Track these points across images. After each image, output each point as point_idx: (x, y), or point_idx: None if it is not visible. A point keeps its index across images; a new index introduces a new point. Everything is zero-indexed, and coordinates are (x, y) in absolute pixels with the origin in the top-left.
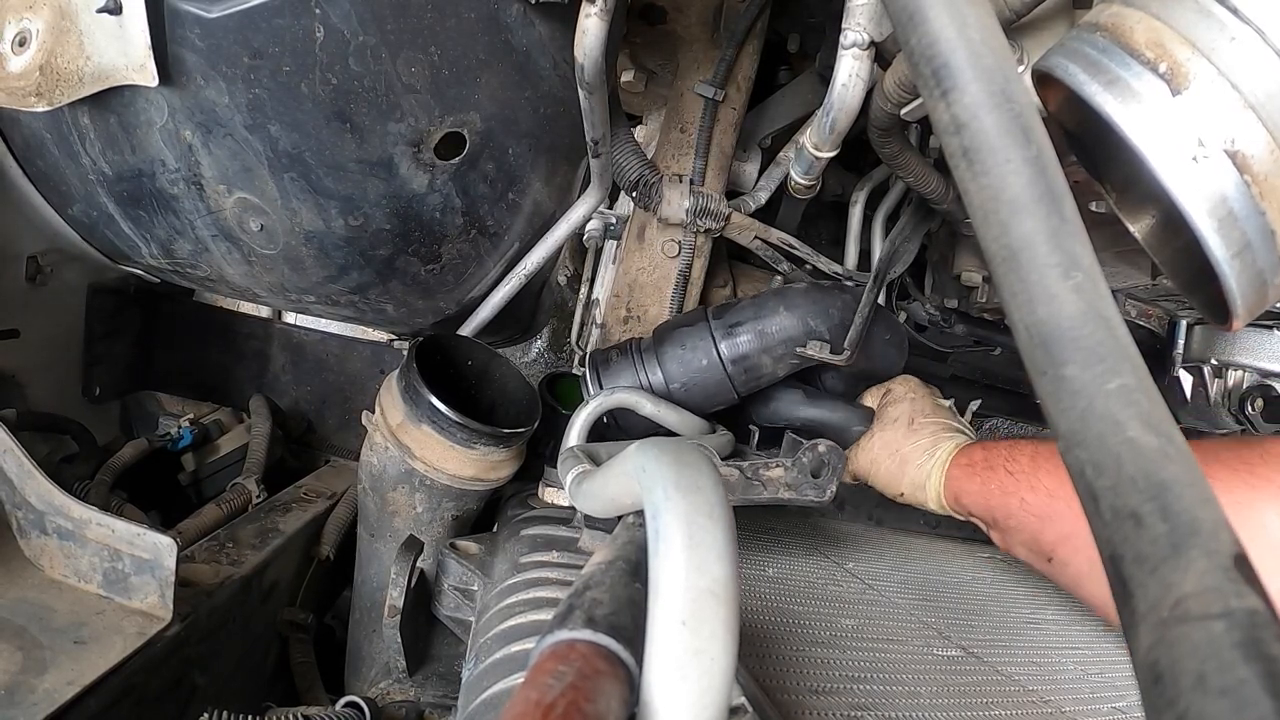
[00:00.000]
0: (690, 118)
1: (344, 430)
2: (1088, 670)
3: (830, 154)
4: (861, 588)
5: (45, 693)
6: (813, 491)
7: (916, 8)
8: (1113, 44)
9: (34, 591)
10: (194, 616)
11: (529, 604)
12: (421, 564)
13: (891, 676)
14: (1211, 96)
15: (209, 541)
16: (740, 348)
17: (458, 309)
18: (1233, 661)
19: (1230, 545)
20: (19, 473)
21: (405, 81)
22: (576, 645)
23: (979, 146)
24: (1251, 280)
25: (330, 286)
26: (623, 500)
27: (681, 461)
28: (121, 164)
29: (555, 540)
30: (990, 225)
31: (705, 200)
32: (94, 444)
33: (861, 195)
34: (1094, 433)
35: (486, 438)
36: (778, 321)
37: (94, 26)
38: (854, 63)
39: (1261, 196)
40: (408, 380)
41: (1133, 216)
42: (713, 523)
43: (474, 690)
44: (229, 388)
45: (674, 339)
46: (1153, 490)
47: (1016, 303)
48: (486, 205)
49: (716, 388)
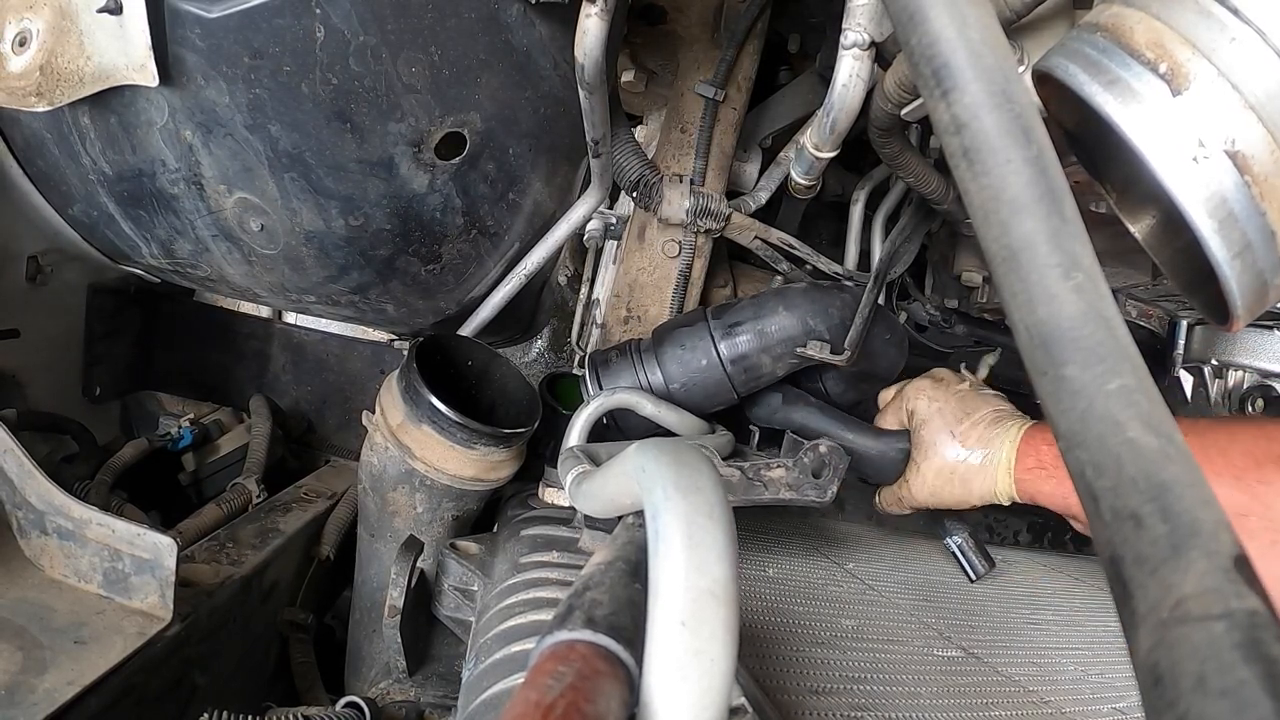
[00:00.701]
0: (691, 118)
1: (344, 430)
2: (1088, 671)
3: (830, 154)
4: (861, 588)
5: (45, 693)
6: (814, 492)
7: (917, 8)
8: (1113, 44)
9: (34, 591)
10: (194, 616)
11: (529, 604)
12: (422, 564)
13: (891, 677)
14: (1212, 97)
15: (209, 541)
16: (739, 347)
17: (458, 309)
18: (1233, 663)
19: (1230, 546)
20: (19, 472)
21: (405, 81)
22: (576, 646)
23: (979, 146)
24: (1252, 281)
25: (330, 286)
26: (622, 501)
27: (681, 462)
28: (122, 164)
29: (555, 540)
30: (991, 225)
31: (706, 200)
32: (94, 444)
33: (862, 195)
34: (1094, 433)
35: (487, 438)
36: (777, 321)
37: (94, 26)
38: (854, 63)
39: (1262, 197)
40: (408, 380)
41: (1133, 217)
42: (712, 523)
43: (474, 690)
44: (229, 388)
45: (673, 339)
46: (1153, 491)
47: (1017, 303)
48: (487, 205)
49: (716, 387)
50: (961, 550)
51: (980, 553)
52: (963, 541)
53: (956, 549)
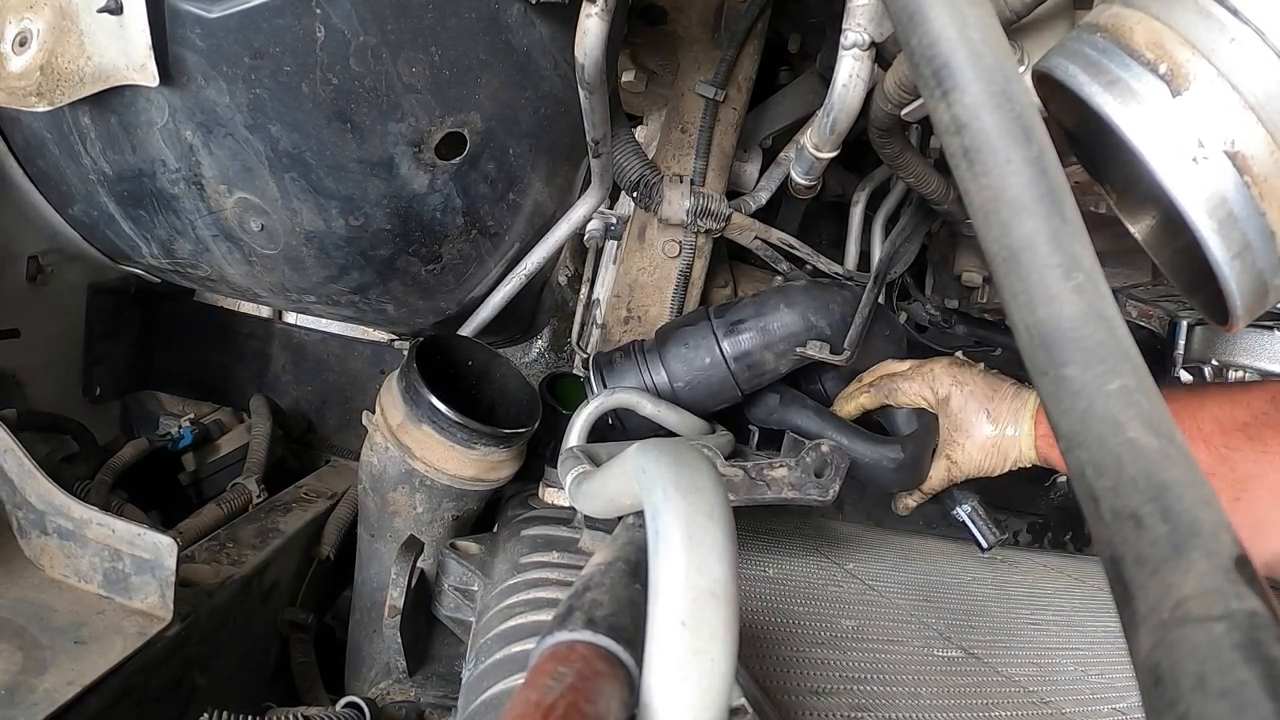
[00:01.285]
0: (691, 118)
1: (344, 430)
2: (1088, 671)
3: (831, 154)
4: (862, 588)
5: (45, 692)
6: (816, 491)
7: (917, 8)
8: (1113, 45)
9: (34, 591)
10: (194, 616)
11: (529, 604)
12: (422, 564)
13: (892, 677)
14: (1211, 97)
15: (209, 541)
16: (743, 344)
17: (458, 309)
18: (1233, 663)
19: (1231, 547)
20: (19, 472)
21: (406, 81)
22: (576, 646)
23: (980, 147)
24: (1251, 281)
25: (331, 286)
26: (623, 501)
27: (681, 462)
28: (122, 164)
29: (555, 541)
30: (991, 226)
31: (706, 201)
32: (94, 444)
33: (863, 196)
34: (1094, 434)
35: (487, 438)
36: (779, 318)
37: (95, 26)
38: (854, 63)
39: (1261, 197)
40: (408, 380)
41: (1133, 217)
42: (713, 523)
43: (474, 691)
44: (229, 388)
45: (677, 338)
46: (1153, 491)
47: (1017, 303)
48: (487, 205)
49: (720, 385)
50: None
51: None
52: (972, 509)
53: (967, 517)
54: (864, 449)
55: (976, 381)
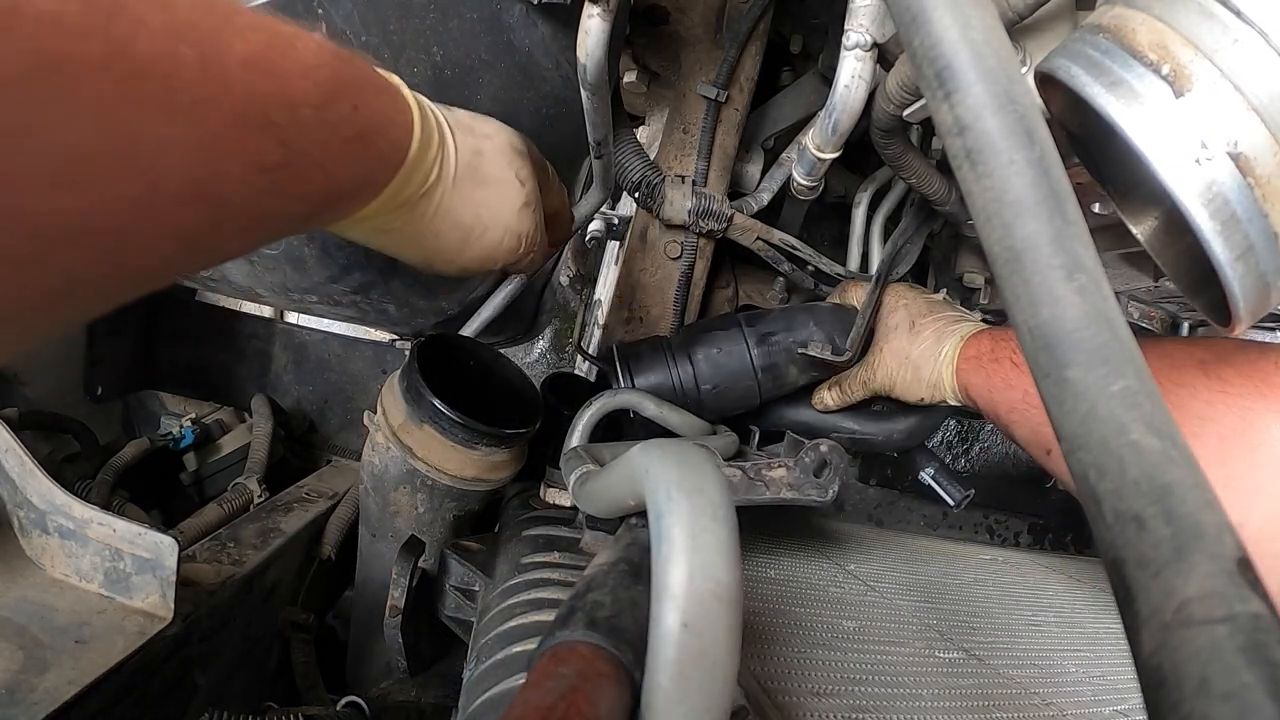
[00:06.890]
0: (693, 119)
1: (346, 430)
2: (1090, 673)
3: (833, 155)
4: (863, 589)
5: (46, 691)
6: (815, 491)
7: (920, 9)
8: (1115, 46)
9: (35, 590)
10: (195, 616)
11: (530, 605)
12: (423, 564)
13: (893, 679)
14: (1214, 99)
15: (210, 541)
16: (771, 356)
17: (460, 309)
18: (1236, 666)
19: (1234, 549)
20: (21, 472)
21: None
22: (577, 647)
23: (982, 148)
24: (1254, 283)
25: (332, 286)
26: (625, 501)
27: (685, 463)
28: None
29: (557, 541)
30: (993, 227)
31: (708, 201)
32: (96, 443)
33: (865, 197)
34: (1097, 436)
35: (488, 438)
36: (807, 335)
37: None
38: (856, 64)
39: (1264, 199)
40: (409, 380)
41: (1135, 219)
42: (716, 524)
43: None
44: (231, 387)
45: (708, 340)
46: (1156, 493)
47: (1019, 305)
48: None
49: (744, 393)
50: (936, 480)
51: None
52: (935, 471)
53: (931, 479)
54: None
55: (915, 298)
